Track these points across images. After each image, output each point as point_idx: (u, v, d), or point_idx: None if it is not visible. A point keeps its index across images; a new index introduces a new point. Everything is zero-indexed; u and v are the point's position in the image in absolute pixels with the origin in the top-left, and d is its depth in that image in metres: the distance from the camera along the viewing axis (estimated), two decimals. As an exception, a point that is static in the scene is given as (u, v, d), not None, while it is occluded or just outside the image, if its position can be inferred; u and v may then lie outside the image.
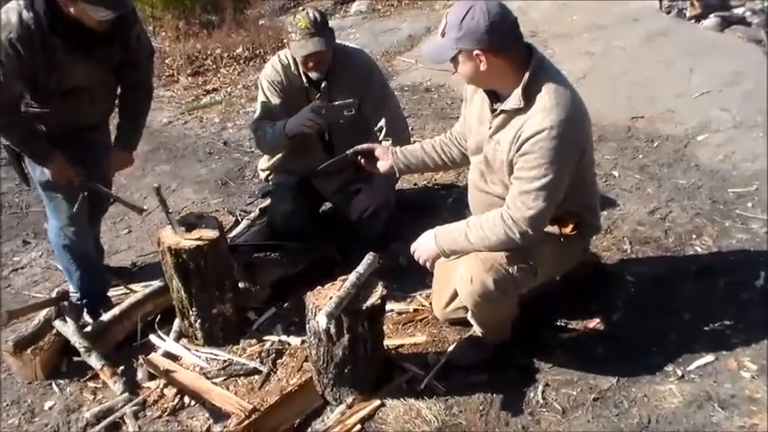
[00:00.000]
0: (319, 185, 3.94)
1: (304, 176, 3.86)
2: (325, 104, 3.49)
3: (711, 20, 6.60)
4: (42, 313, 3.31)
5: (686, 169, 4.45)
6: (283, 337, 3.31)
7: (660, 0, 7.01)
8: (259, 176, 4.41)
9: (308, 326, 2.77)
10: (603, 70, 6.03)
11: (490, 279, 2.62)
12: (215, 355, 3.23)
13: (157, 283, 3.50)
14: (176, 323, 3.38)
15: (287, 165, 3.90)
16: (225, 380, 3.10)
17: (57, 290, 3.41)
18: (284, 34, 3.85)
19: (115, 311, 3.37)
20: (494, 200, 2.75)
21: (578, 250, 3.05)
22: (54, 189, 3.21)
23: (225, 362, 3.18)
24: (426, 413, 2.76)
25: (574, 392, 2.85)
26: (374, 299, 2.71)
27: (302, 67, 3.59)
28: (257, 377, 3.10)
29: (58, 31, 2.80)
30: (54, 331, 3.27)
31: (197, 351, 3.26)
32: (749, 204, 3.97)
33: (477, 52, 2.42)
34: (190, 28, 8.69)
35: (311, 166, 3.56)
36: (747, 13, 6.62)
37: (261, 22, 8.96)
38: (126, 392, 3.04)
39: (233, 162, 5.40)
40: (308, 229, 3.89)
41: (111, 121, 3.49)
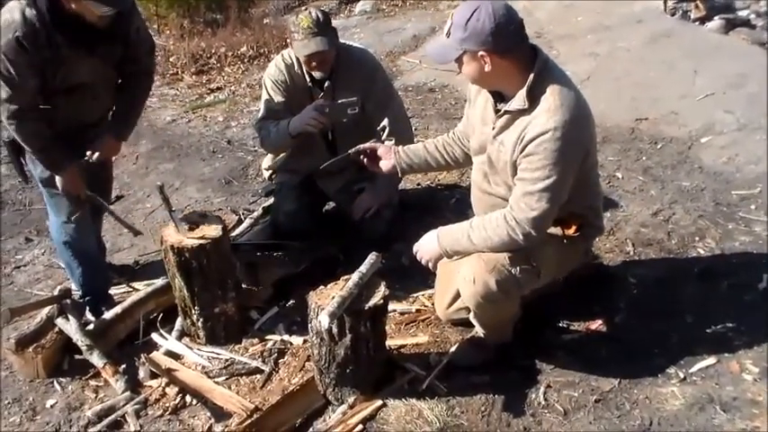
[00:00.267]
0: (323, 185, 3.94)
1: (307, 176, 3.86)
2: (329, 103, 3.48)
3: (716, 22, 6.59)
4: (44, 311, 3.31)
5: (690, 171, 4.44)
6: (285, 337, 3.31)
7: (665, 2, 7.00)
8: (262, 175, 4.41)
9: (310, 325, 2.77)
10: (608, 71, 6.02)
11: (493, 280, 2.62)
12: (217, 354, 3.23)
13: (160, 281, 3.50)
14: (178, 322, 3.39)
15: (290, 164, 3.90)
16: (227, 379, 3.10)
17: (59, 288, 3.40)
18: (287, 33, 3.85)
19: (117, 310, 3.37)
20: (497, 201, 2.74)
21: (581, 252, 3.06)
22: (55, 186, 3.22)
23: (227, 361, 3.18)
24: (428, 414, 2.76)
25: (575, 394, 2.85)
26: (377, 299, 2.71)
27: (305, 67, 3.59)
28: (259, 376, 3.10)
29: (60, 27, 2.81)
30: (56, 329, 3.27)
31: (199, 350, 3.26)
32: (752, 207, 3.96)
33: (481, 53, 2.42)
34: (194, 26, 8.69)
35: (314, 165, 3.55)
36: (752, 16, 6.62)
37: (265, 21, 8.96)
38: (127, 391, 3.04)
39: (236, 161, 5.40)
40: (311, 229, 3.89)
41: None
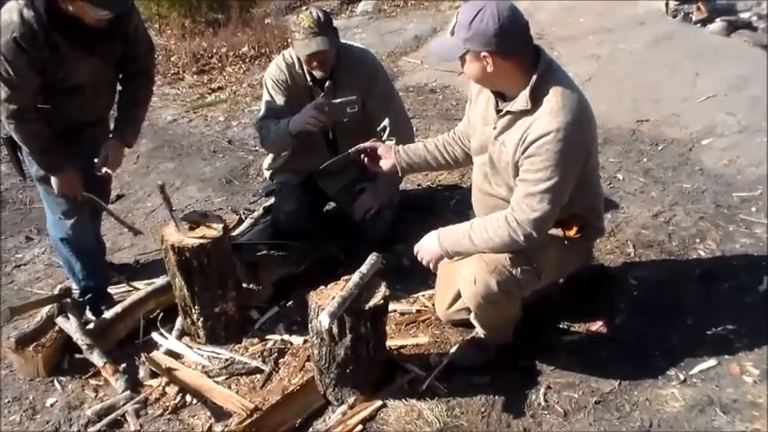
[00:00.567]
0: (323, 185, 3.94)
1: (308, 176, 3.86)
2: (328, 102, 3.48)
3: (717, 24, 6.60)
4: (44, 310, 3.31)
5: (691, 173, 4.44)
6: (285, 337, 3.31)
7: (666, 4, 7.01)
8: (263, 175, 4.41)
9: (310, 325, 2.77)
10: (609, 73, 6.03)
11: (493, 281, 2.62)
12: (217, 354, 3.23)
13: (160, 280, 3.50)
14: (179, 321, 3.38)
15: (291, 164, 3.89)
16: (227, 378, 3.10)
17: (59, 287, 3.40)
18: (289, 33, 3.85)
19: (117, 309, 3.37)
20: (498, 202, 2.74)
21: (582, 253, 3.06)
22: (51, 183, 3.21)
23: (227, 360, 3.18)
24: (428, 414, 2.75)
25: (575, 395, 2.84)
26: (377, 299, 2.70)
27: (306, 66, 3.59)
28: (259, 376, 3.09)
29: (58, 27, 2.81)
30: (56, 328, 3.27)
31: (199, 349, 3.26)
32: (753, 209, 3.96)
33: (484, 54, 2.42)
34: (196, 26, 8.69)
35: (315, 165, 3.55)
36: (754, 18, 6.62)
37: (267, 20, 8.97)
38: (127, 390, 3.03)
39: (237, 161, 5.40)
40: (312, 229, 3.89)
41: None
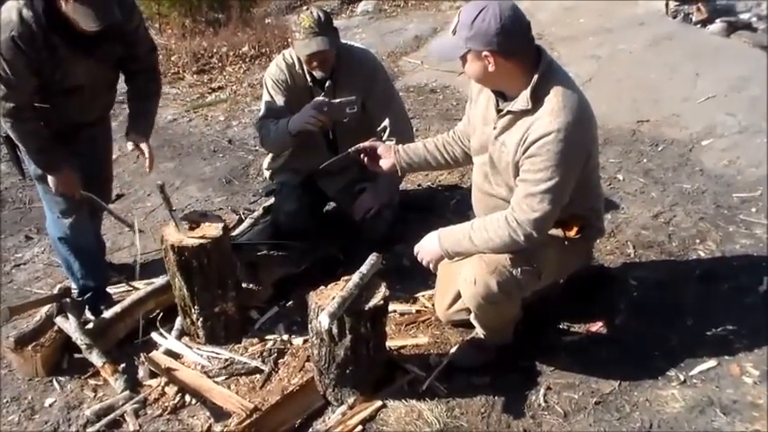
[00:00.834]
0: (323, 185, 3.93)
1: (308, 176, 3.85)
2: (327, 102, 3.48)
3: (717, 25, 6.60)
4: (44, 310, 3.30)
5: (691, 174, 4.44)
6: (285, 337, 3.30)
7: (666, 4, 7.01)
8: (263, 175, 4.40)
9: (310, 326, 2.77)
10: (609, 74, 6.03)
11: (494, 281, 2.61)
12: (216, 354, 3.22)
13: (160, 280, 3.50)
14: (178, 321, 3.38)
15: (291, 164, 3.89)
16: (226, 379, 3.09)
17: (59, 286, 3.39)
18: (289, 33, 3.84)
19: (117, 309, 3.36)
20: (498, 202, 2.74)
21: (582, 253, 3.06)
22: (49, 182, 3.21)
23: (226, 361, 3.17)
24: (428, 415, 2.75)
25: (575, 396, 2.84)
26: (377, 300, 2.70)
27: (306, 66, 3.58)
28: (259, 376, 3.09)
29: (57, 29, 2.81)
30: (55, 328, 3.26)
31: (198, 349, 3.26)
32: (753, 209, 3.96)
33: (486, 53, 2.42)
34: (196, 26, 8.69)
35: (315, 165, 3.55)
36: (753, 19, 6.63)
37: (267, 20, 8.96)
38: (127, 390, 3.03)
39: (237, 160, 5.39)
40: (312, 229, 3.88)
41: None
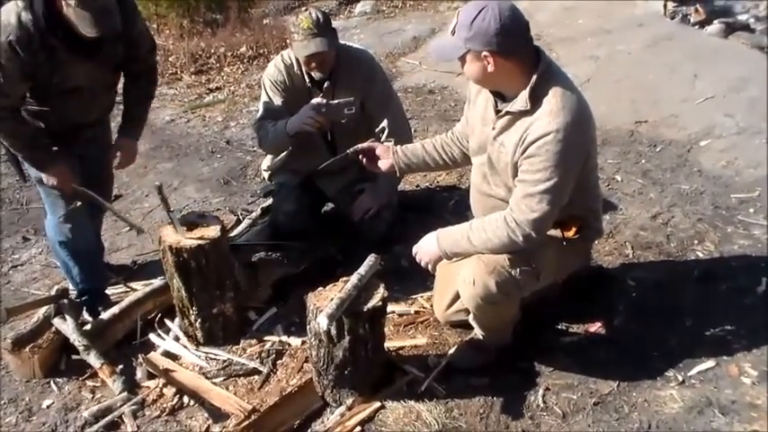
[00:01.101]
0: (322, 185, 3.93)
1: (307, 176, 3.85)
2: (325, 102, 3.48)
3: (715, 26, 6.60)
4: (41, 311, 3.30)
5: (689, 174, 4.44)
6: (284, 338, 3.30)
7: (665, 5, 7.01)
8: (261, 176, 4.40)
9: (308, 327, 2.76)
10: (608, 74, 6.02)
11: (492, 281, 2.61)
12: (215, 355, 3.22)
13: (158, 281, 3.49)
14: (176, 322, 3.38)
15: (290, 164, 3.88)
16: (224, 380, 3.10)
17: (56, 287, 3.39)
18: (287, 34, 3.84)
19: (115, 310, 3.36)
20: (496, 203, 2.74)
21: (581, 254, 3.06)
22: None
23: (225, 362, 3.17)
24: (426, 416, 2.75)
25: (574, 397, 2.84)
26: (375, 301, 2.69)
27: (305, 68, 3.58)
28: (257, 377, 3.09)
29: (57, 32, 2.80)
30: (53, 329, 3.26)
31: (197, 350, 3.25)
32: (751, 210, 3.95)
33: (485, 53, 2.41)
34: (194, 26, 8.68)
35: (314, 165, 3.55)
36: (751, 20, 6.62)
37: (265, 21, 8.96)
38: (125, 392, 3.02)
39: (235, 161, 5.39)
40: (311, 229, 3.88)
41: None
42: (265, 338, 3.32)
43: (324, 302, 2.64)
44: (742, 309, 3.22)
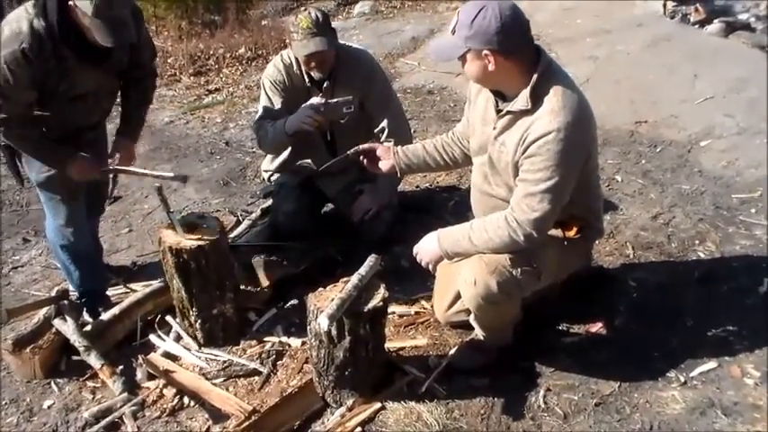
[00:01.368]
0: (322, 186, 3.92)
1: (307, 177, 3.84)
2: (324, 101, 3.47)
3: (716, 25, 6.60)
4: (42, 312, 3.29)
5: (689, 175, 4.43)
6: (284, 339, 3.29)
7: (664, 5, 7.01)
8: (261, 177, 4.39)
9: (309, 327, 2.75)
10: (607, 75, 6.02)
11: (494, 281, 2.60)
12: (215, 356, 3.21)
13: (158, 282, 3.48)
14: (176, 323, 3.37)
15: (290, 165, 3.87)
16: (225, 380, 3.09)
17: (56, 288, 3.39)
18: (286, 34, 3.83)
19: (115, 311, 3.35)
20: (497, 202, 2.73)
21: (582, 254, 3.06)
22: (52, 189, 3.19)
23: (225, 362, 3.16)
24: (427, 416, 2.74)
25: (575, 397, 2.83)
26: (376, 301, 2.68)
27: (304, 67, 3.57)
28: (257, 378, 3.08)
29: (69, 41, 2.78)
30: (53, 330, 3.25)
31: (197, 351, 3.24)
32: (753, 210, 3.95)
33: (485, 52, 2.40)
34: (192, 28, 8.69)
35: (314, 166, 3.54)
36: (752, 19, 6.62)
37: (264, 22, 8.96)
38: (125, 392, 3.02)
39: (234, 162, 5.39)
40: (310, 230, 3.87)
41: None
42: (265, 339, 3.31)
43: (324, 303, 2.63)
44: (744, 309, 3.21)
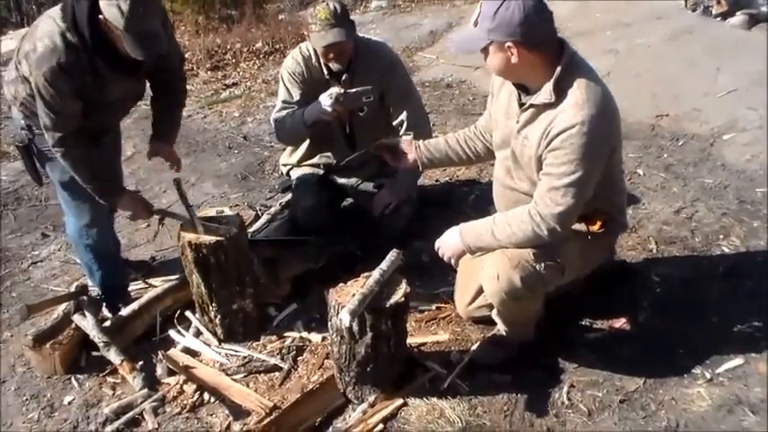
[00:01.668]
0: (341, 180, 3.90)
1: (326, 171, 3.81)
2: (343, 91, 3.44)
3: (738, 17, 6.53)
4: (61, 307, 3.29)
5: (712, 168, 4.38)
6: (304, 334, 3.27)
7: (685, -3, 6.96)
8: (279, 171, 4.37)
9: (330, 323, 2.73)
10: (628, 68, 5.97)
11: (517, 276, 2.57)
12: (235, 352, 3.20)
13: (177, 277, 3.48)
14: (196, 318, 3.36)
15: (309, 159, 3.85)
16: (245, 376, 3.07)
17: (76, 284, 3.39)
18: (304, 27, 3.80)
19: (134, 306, 3.35)
20: (520, 196, 2.70)
21: (605, 248, 3.02)
22: (78, 189, 3.16)
23: (245, 358, 3.15)
24: (450, 413, 2.71)
25: (599, 394, 2.80)
26: (398, 296, 2.66)
27: (323, 59, 3.54)
28: (278, 374, 3.06)
29: (102, 53, 2.76)
30: (73, 325, 3.25)
31: (217, 347, 3.23)
32: (778, 204, 3.90)
33: (509, 44, 2.37)
34: (209, 23, 8.71)
35: (334, 160, 3.52)
36: (775, 11, 6.55)
37: (281, 16, 8.98)
38: (145, 388, 3.01)
39: (253, 156, 5.38)
40: (330, 225, 3.85)
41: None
42: (285, 334, 3.29)
43: (345, 298, 2.61)
44: (770, 305, 3.16)
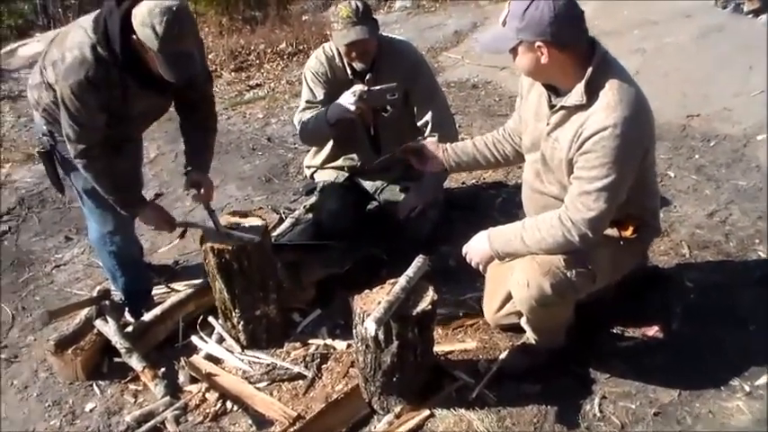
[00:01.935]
0: (366, 183, 3.85)
1: (351, 174, 3.76)
2: (367, 89, 3.37)
3: (771, 14, 6.38)
4: (83, 312, 3.27)
5: (746, 170, 4.27)
6: (328, 341, 3.22)
7: (716, -5, 6.82)
8: (303, 173, 4.33)
9: (355, 331, 2.67)
10: (656, 67, 5.85)
11: (547, 283, 2.50)
12: (258, 359, 3.15)
13: (200, 282, 3.44)
14: (219, 324, 3.32)
15: (333, 161, 3.81)
16: (268, 384, 3.03)
17: (98, 288, 3.35)
18: (327, 26, 3.76)
19: (157, 311, 3.32)
20: (549, 201, 2.63)
21: (637, 254, 2.94)
22: (99, 198, 3.12)
23: (268, 366, 3.10)
24: (478, 425, 2.64)
25: (633, 406, 2.71)
26: (425, 304, 2.59)
27: (346, 58, 3.49)
28: (301, 382, 3.02)
29: (132, 70, 2.73)
30: (95, 330, 3.23)
31: (240, 354, 3.19)
32: (815, 208, 3.78)
33: (538, 44, 2.30)
34: (233, 24, 8.72)
35: (358, 161, 3.46)
36: (809, 7, 6.39)
37: (304, 17, 8.94)
38: (167, 396, 2.98)
39: (277, 158, 5.34)
40: (355, 229, 3.79)
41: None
42: (310, 341, 3.24)
43: (371, 306, 2.54)
44: (809, 313, 3.06)
